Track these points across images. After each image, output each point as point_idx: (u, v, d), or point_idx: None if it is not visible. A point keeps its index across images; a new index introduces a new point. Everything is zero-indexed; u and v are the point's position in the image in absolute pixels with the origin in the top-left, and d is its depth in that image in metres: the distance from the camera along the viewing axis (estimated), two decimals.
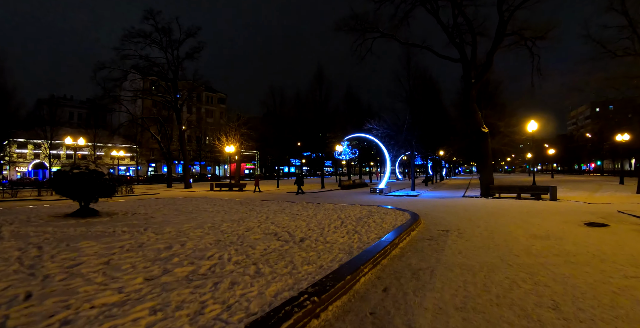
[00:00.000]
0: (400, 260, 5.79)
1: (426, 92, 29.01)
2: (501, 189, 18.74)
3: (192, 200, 17.92)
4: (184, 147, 37.83)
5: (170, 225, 9.00)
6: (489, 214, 11.67)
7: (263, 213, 11.96)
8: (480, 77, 19.28)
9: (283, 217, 10.66)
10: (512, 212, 12.31)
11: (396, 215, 10.69)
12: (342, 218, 10.12)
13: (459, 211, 12.74)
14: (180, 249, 6.27)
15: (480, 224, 9.51)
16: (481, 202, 16.59)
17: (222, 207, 14.09)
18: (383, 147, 24.65)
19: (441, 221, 10.23)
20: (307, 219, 10.15)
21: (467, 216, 11.27)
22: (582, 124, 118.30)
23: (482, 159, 19.33)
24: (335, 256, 5.59)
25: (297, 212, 11.95)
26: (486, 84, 24.50)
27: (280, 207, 14.09)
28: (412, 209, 13.27)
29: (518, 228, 8.81)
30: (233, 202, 16.99)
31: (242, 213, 11.83)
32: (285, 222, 9.70)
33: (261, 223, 9.40)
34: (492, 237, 7.61)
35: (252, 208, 13.39)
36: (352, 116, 39.40)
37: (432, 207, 14.49)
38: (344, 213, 11.53)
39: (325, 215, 11.13)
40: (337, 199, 19.18)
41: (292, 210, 12.81)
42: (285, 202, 16.32)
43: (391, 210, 12.32)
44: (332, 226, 8.76)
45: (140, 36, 34.22)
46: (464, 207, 14.26)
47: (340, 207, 13.68)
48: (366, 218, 9.99)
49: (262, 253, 5.90)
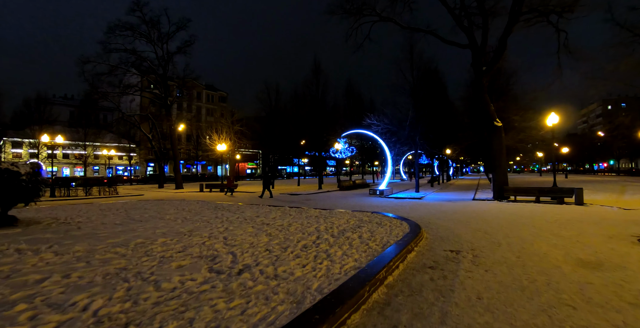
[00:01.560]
0: (382, 314, 3.54)
1: (431, 84, 26.59)
2: (517, 191, 16.34)
3: (163, 204, 15.83)
4: (174, 146, 35.84)
5: (89, 241, 6.86)
6: (509, 224, 9.33)
7: (227, 222, 9.77)
8: (492, 63, 16.92)
9: (246, 229, 8.45)
10: (537, 220, 9.96)
11: (392, 226, 8.42)
12: (320, 232, 7.88)
13: (470, 219, 10.41)
14: (49, 286, 4.12)
15: (500, 240, 7.20)
16: (495, 206, 14.23)
17: (186, 213, 11.94)
18: (384, 144, 22.35)
19: (449, 235, 7.93)
20: (275, 232, 7.92)
21: (482, 227, 8.95)
22: (593, 122, 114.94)
23: (494, 157, 16.97)
24: (272, 310, 3.35)
25: (270, 221, 9.73)
26: (498, 75, 22.09)
27: (255, 213, 11.89)
28: (413, 216, 10.99)
29: (553, 247, 6.49)
30: (207, 206, 14.85)
31: (200, 223, 9.66)
32: (242, 236, 7.49)
33: (210, 239, 7.21)
34: (522, 265, 5.31)
35: (219, 215, 11.20)
36: (352, 112, 37.07)
37: (438, 213, 12.17)
38: (327, 222, 9.29)
39: (303, 225, 8.89)
40: (330, 202, 16.94)
41: (266, 218, 10.59)
42: (267, 207, 14.12)
43: (387, 218, 10.04)
44: (300, 245, 6.52)
45: (126, 29, 32.30)
46: (475, 213, 11.93)
47: (327, 213, 11.44)
48: (351, 232, 7.74)
49: (162, 299, 3.69)
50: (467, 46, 17.75)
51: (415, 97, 22.96)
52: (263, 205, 15.13)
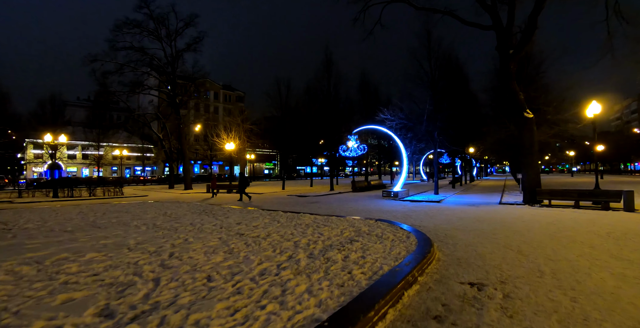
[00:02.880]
0: None
1: (451, 74, 24.30)
2: (552, 194, 13.98)
3: (151, 207, 14.43)
4: (183, 146, 34.90)
5: (3, 253, 5.36)
6: (549, 238, 7.25)
7: (197, 230, 8.15)
8: (521, 45, 14.65)
9: (209, 241, 6.77)
10: (583, 233, 7.81)
11: (394, 241, 6.55)
12: (297, 248, 6.10)
13: (497, 230, 8.35)
14: None
15: (541, 266, 5.19)
16: (527, 213, 12.03)
17: (162, 219, 10.42)
18: (398, 140, 20.29)
19: (469, 255, 5.97)
20: (240, 248, 6.21)
21: (513, 242, 6.92)
22: (627, 118, 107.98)
23: (525, 154, 14.68)
24: None
25: (247, 231, 8.01)
26: (526, 62, 19.64)
27: (240, 218, 10.20)
28: (426, 225, 9.03)
29: (622, 281, 4.46)
30: (196, 209, 13.31)
31: (166, 231, 8.09)
32: (194, 253, 5.84)
33: (151, 256, 5.64)
34: (584, 316, 3.36)
35: (196, 221, 9.57)
36: (367, 108, 35.02)
37: (457, 220, 10.14)
38: (315, 234, 7.49)
39: (282, 237, 7.14)
40: (335, 206, 15.11)
41: (247, 225, 8.89)
42: (259, 211, 12.42)
43: (392, 228, 8.14)
44: (257, 270, 4.75)
45: (134, 26, 31.46)
46: (503, 221, 9.82)
47: (322, 220, 9.61)
48: (338, 249, 5.91)
49: None
50: (490, 27, 15.55)
51: (433, 88, 20.79)
52: (258, 209, 13.46)
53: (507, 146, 25.31)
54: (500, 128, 20.44)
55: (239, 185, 18.15)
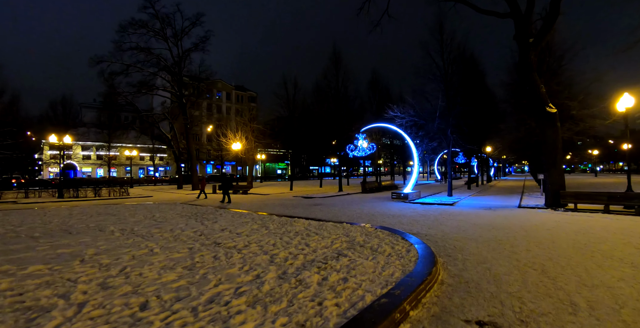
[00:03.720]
0: None
1: (465, 68, 22.90)
2: (578, 197, 12.54)
3: (143, 209, 13.70)
4: (190, 146, 34.35)
5: None
6: (579, 254, 6.03)
7: (172, 238, 7.27)
8: (542, 33, 13.28)
9: (175, 252, 5.86)
10: (621, 246, 6.55)
11: (390, 256, 5.48)
12: (269, 264, 5.10)
13: (516, 241, 7.15)
14: None
15: (573, 296, 4.04)
16: (550, 218, 10.71)
17: (145, 223, 9.65)
18: (409, 138, 19.07)
19: (481, 276, 4.84)
20: (205, 263, 5.26)
21: (536, 259, 5.74)
22: None
23: (547, 152, 13.28)
24: None
25: (225, 240, 7.06)
26: (547, 52, 18.09)
27: (227, 223, 9.27)
28: (434, 234, 7.91)
29: None
30: (187, 212, 12.48)
31: (139, 238, 7.23)
32: (150, 267, 4.98)
33: (100, 270, 4.75)
34: None
35: (177, 227, 8.67)
36: (378, 107, 33.75)
37: (470, 227, 8.95)
38: (300, 245, 6.49)
39: (261, 249, 6.16)
40: (337, 209, 14.05)
41: (231, 232, 7.94)
42: (251, 215, 11.46)
43: (392, 238, 7.05)
44: (203, 298, 3.76)
45: (139, 26, 31.09)
46: (523, 229, 8.58)
47: (316, 227, 8.59)
48: (316, 269, 4.88)
49: None
50: (508, 15, 14.20)
51: (446, 83, 19.48)
52: (253, 212, 12.52)
53: (526, 144, 23.70)
54: (520, 125, 18.97)
55: (222, 186, 17.33)
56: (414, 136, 19.81)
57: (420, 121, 19.50)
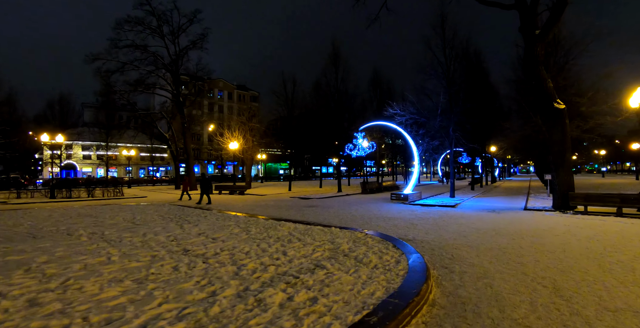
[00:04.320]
0: None
1: (468, 65, 22.09)
2: (588, 199, 11.68)
3: (129, 210, 13.00)
4: (187, 145, 33.73)
5: None
6: (595, 265, 5.24)
7: (139, 243, 6.52)
8: (549, 25, 12.46)
9: (134, 261, 5.14)
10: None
11: (374, 271, 4.73)
12: (229, 281, 4.35)
13: (522, 250, 6.36)
14: None
15: (593, 322, 3.26)
16: (559, 222, 9.90)
17: (123, 225, 8.93)
18: (409, 137, 18.28)
19: (481, 295, 4.07)
20: (160, 275, 4.54)
21: (546, 273, 4.96)
22: None
23: (555, 151, 12.45)
24: None
25: (196, 247, 6.34)
26: (554, 47, 17.22)
27: (208, 227, 8.54)
28: (431, 240, 7.14)
29: None
30: (172, 213, 11.77)
31: (104, 243, 6.51)
32: (93, 282, 4.22)
33: (35, 285, 3.97)
34: None
35: (154, 230, 7.95)
36: (380, 106, 32.95)
37: (472, 233, 8.16)
38: (278, 253, 5.76)
39: (230, 259, 5.43)
40: (333, 211, 13.29)
41: (206, 238, 7.22)
42: (235, 218, 10.73)
43: (381, 246, 6.29)
44: (135, 324, 3.06)
45: (136, 24, 30.46)
46: (530, 235, 7.78)
47: (302, 231, 7.84)
48: (285, 285, 4.13)
49: None
50: (512, 7, 13.40)
51: (448, 80, 18.70)
52: (240, 215, 11.78)
53: (532, 144, 22.81)
54: (525, 123, 18.11)
55: (201, 187, 16.91)
56: (415, 134, 19.03)
57: (421, 119, 18.71)
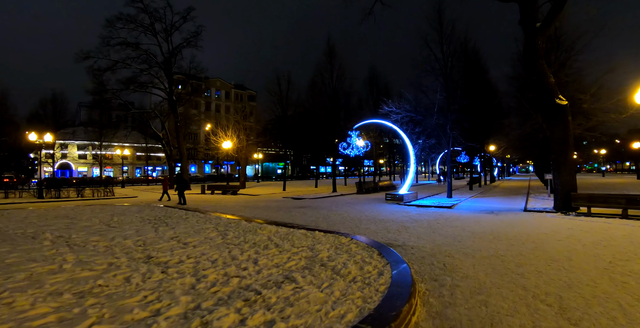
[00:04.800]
0: None
1: (466, 60, 21.47)
2: (592, 200, 11.03)
3: (109, 211, 12.31)
4: (180, 144, 33.06)
5: None
6: (606, 277, 4.61)
7: (103, 248, 5.89)
8: (551, 16, 11.83)
9: (86, 270, 4.51)
10: None
11: (351, 286, 4.10)
12: (181, 296, 3.71)
13: (522, 258, 5.73)
14: None
15: None
16: (561, 225, 9.27)
17: (92, 229, 8.21)
18: (404, 135, 17.66)
19: (473, 316, 3.43)
20: (107, 288, 3.91)
21: (550, 285, 4.33)
22: None
23: (557, 150, 11.82)
24: None
25: (163, 253, 5.71)
26: (555, 42, 16.60)
27: (186, 229, 7.92)
28: (422, 245, 6.51)
29: None
30: (152, 215, 11.10)
31: (63, 249, 5.87)
32: (30, 294, 3.58)
33: None
34: None
35: (120, 235, 7.29)
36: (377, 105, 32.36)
37: (467, 238, 7.52)
38: (245, 263, 5.13)
39: (193, 269, 4.80)
40: (323, 212, 12.66)
41: (178, 242, 6.58)
42: (215, 220, 10.07)
43: (364, 255, 5.64)
44: None
45: (128, 21, 29.78)
46: (531, 240, 7.14)
47: (282, 236, 7.21)
48: (242, 303, 3.49)
49: None
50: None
51: (445, 76, 18.08)
52: (223, 216, 11.12)
53: (532, 142, 22.17)
54: (525, 121, 17.49)
55: (177, 187, 16.61)
56: (411, 133, 18.41)
57: (417, 117, 18.09)
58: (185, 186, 16.88)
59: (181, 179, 16.83)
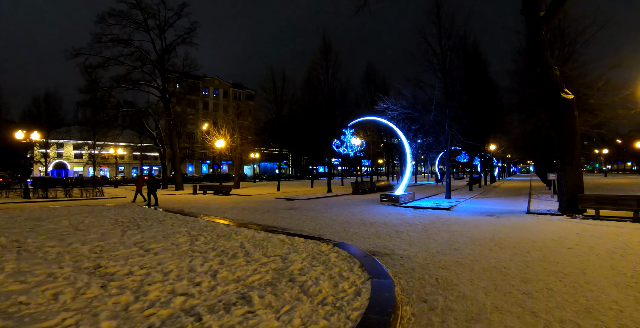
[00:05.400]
0: None
1: (466, 56, 20.64)
2: (600, 202, 10.22)
3: (85, 213, 11.53)
4: (173, 143, 32.25)
5: None
6: (632, 298, 3.84)
7: (50, 256, 5.11)
8: (555, 5, 11.06)
9: (16, 283, 3.73)
10: None
11: (320, 309, 3.31)
12: (101, 324, 2.96)
13: (529, 271, 4.93)
14: None
15: None
16: (570, 230, 8.47)
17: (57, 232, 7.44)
18: (401, 133, 16.89)
19: None
20: (27, 308, 3.12)
21: (564, 308, 3.53)
22: None
23: (562, 148, 11.02)
24: None
25: (114, 263, 4.91)
26: (560, 34, 15.79)
27: (154, 233, 7.14)
28: (414, 254, 5.72)
29: None
30: (126, 217, 10.31)
31: (9, 255, 5.09)
32: None
33: None
34: None
35: (79, 239, 6.52)
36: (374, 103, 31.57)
37: (466, 245, 6.73)
38: (202, 276, 4.34)
39: (139, 284, 4.01)
40: (312, 214, 11.87)
41: (140, 248, 5.80)
42: (198, 223, 9.29)
43: (342, 268, 4.84)
44: None
45: (121, 18, 28.97)
46: (539, 249, 6.33)
47: (257, 242, 6.42)
48: None
49: None
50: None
51: (444, 71, 17.32)
52: (201, 219, 10.34)
53: (534, 141, 21.38)
54: (527, 118, 16.68)
55: (148, 188, 16.16)
56: (407, 130, 17.63)
57: (414, 114, 17.30)
58: (156, 186, 16.34)
59: (152, 179, 16.29)
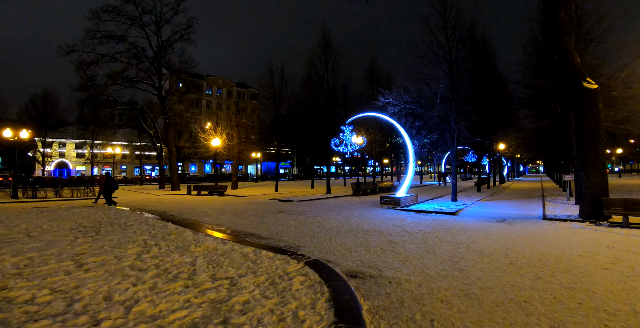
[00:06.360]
0: None
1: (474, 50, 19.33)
2: (629, 207, 8.85)
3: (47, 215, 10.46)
4: (169, 142, 31.31)
5: None
6: None
7: None
8: None
9: None
10: None
11: None
12: None
13: (561, 306, 3.65)
14: None
15: None
16: (599, 241, 7.16)
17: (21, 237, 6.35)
18: (402, 130, 15.62)
19: None
20: None
21: None
22: None
23: (584, 144, 9.67)
24: None
25: (27, 281, 3.78)
26: (577, 19, 14.36)
27: (111, 242, 5.99)
28: (407, 275, 4.48)
29: None
30: (96, 220, 9.21)
31: None
32: None
33: None
34: None
35: (16, 249, 5.44)
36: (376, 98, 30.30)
37: (473, 263, 5.45)
38: (110, 311, 3.15)
39: (11, 323, 2.85)
40: (303, 218, 10.68)
41: (74, 263, 4.65)
42: (165, 229, 8.12)
43: (305, 298, 3.64)
44: None
45: (115, 13, 28.04)
46: (567, 270, 5.02)
47: (217, 256, 5.23)
48: None
49: None
50: None
51: (450, 64, 16.06)
52: (170, 225, 9.19)
53: (547, 138, 19.91)
54: (541, 113, 15.30)
55: (105, 188, 15.70)
56: (410, 127, 16.35)
57: (418, 109, 16.02)
58: (113, 187, 15.76)
59: (109, 179, 15.71)
